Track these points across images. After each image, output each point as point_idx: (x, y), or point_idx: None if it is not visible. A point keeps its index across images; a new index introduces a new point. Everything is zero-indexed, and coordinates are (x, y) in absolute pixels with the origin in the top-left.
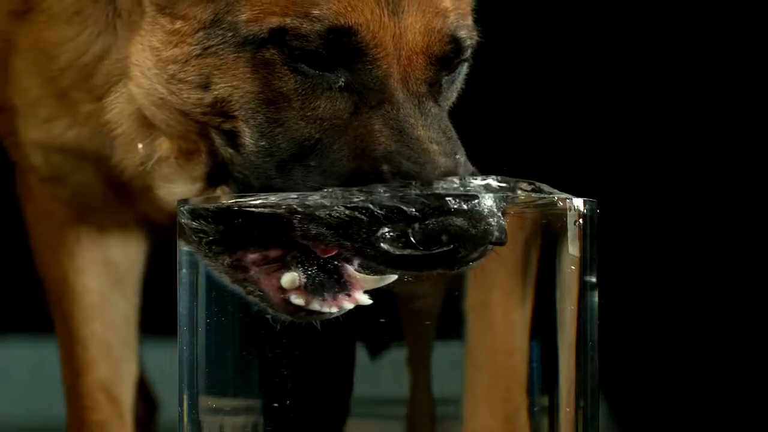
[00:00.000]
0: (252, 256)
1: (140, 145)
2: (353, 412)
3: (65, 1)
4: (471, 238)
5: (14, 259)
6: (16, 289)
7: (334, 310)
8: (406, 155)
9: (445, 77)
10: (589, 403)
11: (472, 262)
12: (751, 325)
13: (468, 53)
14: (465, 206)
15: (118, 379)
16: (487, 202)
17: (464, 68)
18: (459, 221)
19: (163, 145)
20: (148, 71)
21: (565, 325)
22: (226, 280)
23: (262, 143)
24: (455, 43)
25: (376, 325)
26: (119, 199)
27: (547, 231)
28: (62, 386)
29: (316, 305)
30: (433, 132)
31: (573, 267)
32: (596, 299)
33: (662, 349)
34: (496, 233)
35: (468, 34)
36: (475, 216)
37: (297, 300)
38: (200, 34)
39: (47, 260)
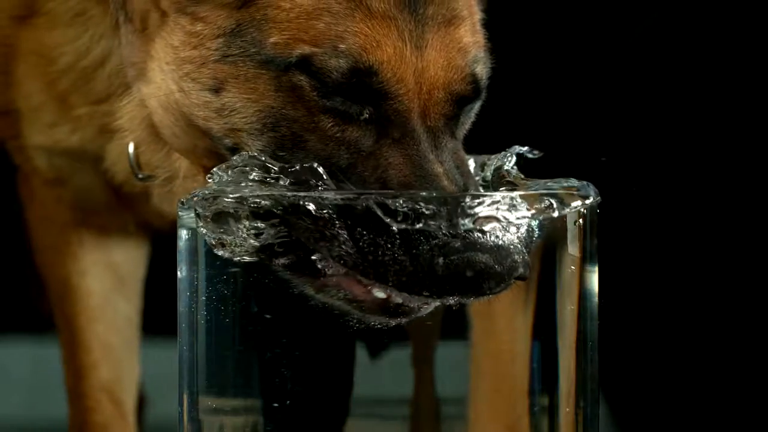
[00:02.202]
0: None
1: (131, 147)
2: (356, 412)
3: (68, 3)
4: (495, 275)
5: (14, 260)
6: (16, 289)
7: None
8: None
9: (462, 109)
10: (589, 403)
11: (492, 294)
12: (751, 324)
13: (484, 92)
14: (491, 242)
15: (121, 381)
16: (514, 237)
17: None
18: (485, 258)
19: (184, 163)
20: (166, 66)
21: (565, 325)
22: (310, 292)
23: (282, 154)
24: (475, 83)
25: (377, 325)
26: (121, 203)
27: (548, 231)
28: (63, 386)
29: (398, 297)
30: (449, 167)
31: (573, 267)
32: (596, 299)
33: (662, 349)
34: (520, 270)
35: (483, 69)
36: (501, 253)
37: (379, 293)
38: (220, 40)
39: (50, 262)
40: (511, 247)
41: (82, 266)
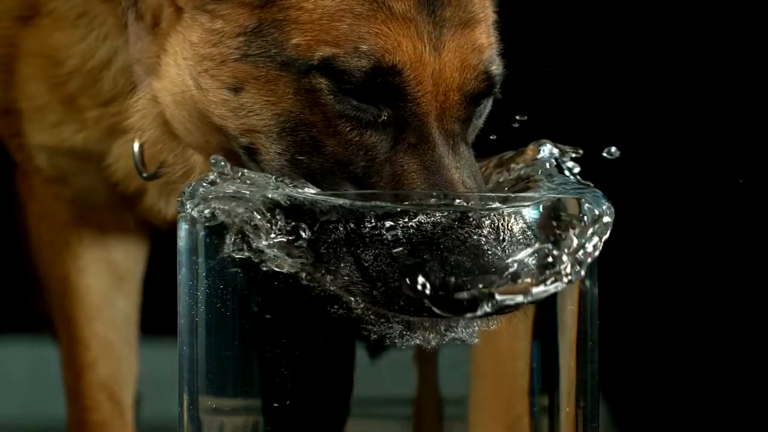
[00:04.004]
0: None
1: (136, 145)
2: (356, 412)
3: (70, 2)
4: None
5: (12, 261)
6: (16, 290)
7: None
8: None
9: (475, 110)
10: (589, 403)
11: (499, 315)
12: (751, 324)
13: (497, 88)
14: (504, 266)
15: (119, 379)
16: (528, 260)
17: (491, 100)
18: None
19: (198, 158)
20: (183, 61)
21: (565, 325)
22: (338, 292)
23: (300, 158)
24: (489, 80)
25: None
26: (121, 202)
27: None
28: (62, 386)
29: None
30: (465, 175)
31: None
32: (596, 299)
33: (662, 349)
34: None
35: (498, 69)
36: (514, 279)
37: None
38: (241, 38)
39: (49, 260)
40: (524, 270)
41: (82, 264)
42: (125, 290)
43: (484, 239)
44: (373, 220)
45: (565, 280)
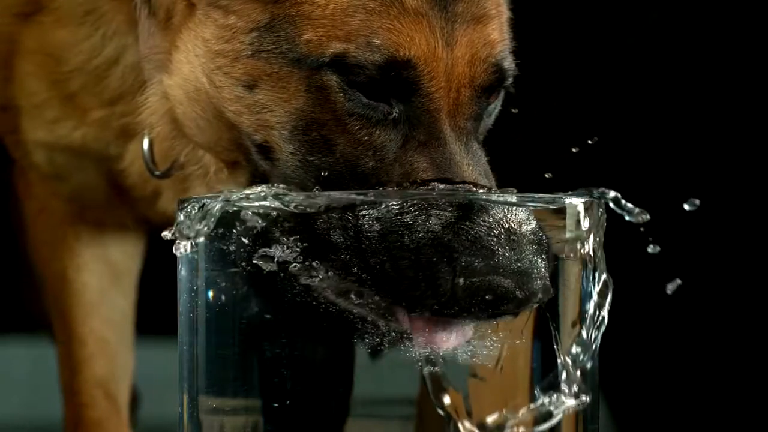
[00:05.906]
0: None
1: (145, 141)
2: (356, 412)
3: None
4: (515, 300)
5: (10, 261)
6: (13, 289)
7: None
8: None
9: (486, 107)
10: (589, 403)
11: (508, 316)
12: (751, 325)
13: (510, 81)
14: (514, 266)
15: (115, 376)
16: (537, 260)
17: (502, 96)
18: (507, 283)
19: (212, 158)
20: (195, 58)
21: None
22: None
23: (312, 158)
24: (500, 72)
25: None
26: (120, 199)
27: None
28: (60, 385)
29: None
30: (477, 173)
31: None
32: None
33: (662, 349)
34: (540, 295)
35: (510, 65)
36: (523, 279)
37: None
38: (254, 34)
39: (46, 257)
40: (534, 271)
41: (79, 261)
42: (122, 287)
43: (495, 240)
44: (376, 219)
45: (575, 401)
